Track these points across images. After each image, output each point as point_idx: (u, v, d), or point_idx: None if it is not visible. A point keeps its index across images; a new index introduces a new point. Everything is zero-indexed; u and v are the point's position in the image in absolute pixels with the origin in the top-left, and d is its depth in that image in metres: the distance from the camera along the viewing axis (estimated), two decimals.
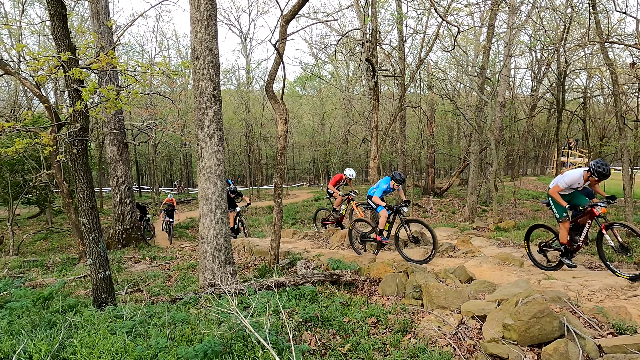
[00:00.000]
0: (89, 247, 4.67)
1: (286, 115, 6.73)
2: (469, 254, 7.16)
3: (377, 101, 10.54)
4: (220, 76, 5.89)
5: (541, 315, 3.29)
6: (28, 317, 4.05)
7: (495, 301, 4.01)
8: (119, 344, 3.11)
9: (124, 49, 25.33)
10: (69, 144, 4.59)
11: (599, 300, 4.41)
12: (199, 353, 2.97)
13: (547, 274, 5.69)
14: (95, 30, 11.43)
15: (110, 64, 4.58)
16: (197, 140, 5.68)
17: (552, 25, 16.31)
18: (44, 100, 7.43)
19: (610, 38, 10.52)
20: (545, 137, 33.81)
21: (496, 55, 21.17)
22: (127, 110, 21.44)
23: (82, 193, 4.65)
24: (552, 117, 24.27)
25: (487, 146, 17.16)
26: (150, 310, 4.31)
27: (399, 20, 13.96)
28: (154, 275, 7.80)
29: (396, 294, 5.00)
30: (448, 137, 37.10)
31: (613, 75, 10.91)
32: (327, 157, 35.26)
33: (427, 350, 3.36)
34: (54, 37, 4.47)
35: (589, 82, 19.08)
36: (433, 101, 24.92)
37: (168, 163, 43.45)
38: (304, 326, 4.02)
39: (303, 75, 31.88)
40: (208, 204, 5.64)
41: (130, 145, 14.20)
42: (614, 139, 20.10)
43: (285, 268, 7.06)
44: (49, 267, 9.32)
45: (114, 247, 12.13)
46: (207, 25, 5.49)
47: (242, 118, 33.51)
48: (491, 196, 16.36)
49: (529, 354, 3.20)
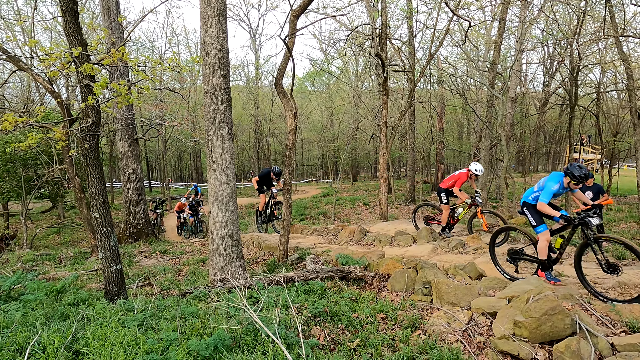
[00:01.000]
0: (100, 241, 4.73)
1: (295, 111, 6.73)
2: (479, 250, 7.10)
3: (386, 97, 10.48)
4: (229, 72, 5.90)
5: (553, 312, 3.25)
6: (42, 310, 4.11)
7: (506, 298, 3.98)
8: (130, 337, 3.14)
9: (135, 45, 25.53)
10: (80, 139, 4.63)
11: (612, 297, 4.35)
12: (209, 346, 2.99)
13: (559, 270, 5.63)
14: (106, 26, 11.51)
15: (121, 60, 4.61)
16: (206, 135, 5.70)
17: (565, 19, 16.05)
18: (56, 96, 7.52)
19: (625, 32, 10.33)
20: (557, 133, 33.35)
21: (507, 50, 20.91)
22: (137, 105, 21.63)
23: (94, 188, 4.69)
24: (565, 113, 23.94)
25: (497, 142, 16.98)
26: (161, 304, 4.35)
27: (409, 14, 13.85)
28: (164, 270, 7.87)
29: (405, 290, 4.98)
30: (458, 133, 36.80)
31: (628, 70, 10.73)
32: (336, 153, 35.22)
33: (437, 347, 3.34)
34: (66, 33, 4.51)
35: (603, 77, 18.74)
36: (443, 97, 24.72)
37: (178, 158, 43.77)
38: (313, 321, 4.03)
39: (312, 70, 31.82)
40: (218, 199, 5.67)
41: (140, 140, 14.32)
42: (627, 135, 19.79)
43: (294, 263, 7.08)
44: (62, 261, 9.46)
45: (125, 242, 12.27)
46: (216, 20, 5.50)
47: (251, 114, 33.63)
48: (501, 192, 16.20)
49: (540, 351, 3.17)
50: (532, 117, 25.85)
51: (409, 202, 22.25)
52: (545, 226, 5.12)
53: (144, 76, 5.17)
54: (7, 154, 12.96)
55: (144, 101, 22.86)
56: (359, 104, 26.25)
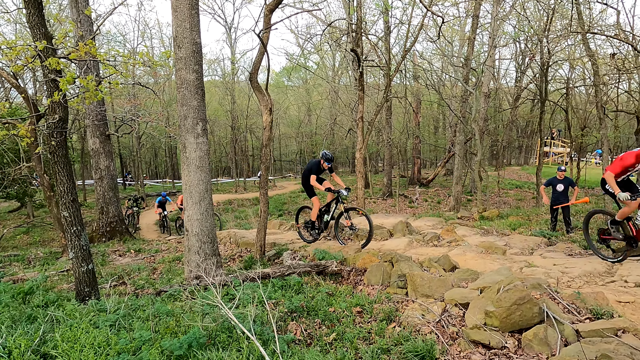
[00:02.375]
0: (70, 240, 4.60)
1: (271, 106, 6.68)
2: (453, 243, 7.25)
3: (362, 92, 10.53)
4: (203, 66, 5.81)
5: (522, 302, 3.35)
6: (8, 313, 3.97)
7: (478, 289, 4.08)
8: (101, 338, 3.07)
9: (105, 39, 24.78)
10: (47, 136, 4.48)
11: (578, 286, 4.51)
12: (183, 345, 2.96)
13: (529, 261, 5.80)
14: (74, 19, 11.13)
15: (89, 54, 4.47)
16: (180, 131, 5.61)
17: (536, 16, 16.44)
18: (21, 91, 7.26)
19: (592, 29, 10.67)
20: (528, 128, 34.27)
21: (481, 46, 21.31)
22: (108, 101, 21.02)
23: (63, 186, 4.55)
24: (536, 108, 24.59)
25: (471, 137, 17.33)
26: (135, 304, 4.27)
27: (384, 10, 13.92)
28: (139, 268, 7.72)
29: (381, 284, 5.04)
30: (434, 127, 37.35)
31: (594, 66, 11.10)
32: (314, 148, 35.20)
33: (411, 338, 3.40)
34: (29, 26, 4.34)
35: (571, 73, 19.35)
36: (419, 92, 25.02)
37: (153, 155, 42.88)
38: (290, 316, 4.03)
39: (289, 65, 31.66)
40: (192, 195, 5.59)
41: (113, 137, 13.95)
42: (595, 129, 20.51)
43: (271, 259, 7.06)
44: (31, 262, 9.16)
45: (98, 241, 11.97)
46: (188, 14, 5.40)
47: (227, 109, 33.20)
48: (476, 186, 16.56)
49: (510, 339, 3.27)
50: (504, 112, 26.47)
51: (386, 197, 22.50)
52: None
53: (113, 71, 5.04)
54: None
55: (116, 96, 22.31)
56: (336, 99, 26.31)
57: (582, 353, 2.80)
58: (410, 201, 21.29)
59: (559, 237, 8.06)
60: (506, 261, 5.86)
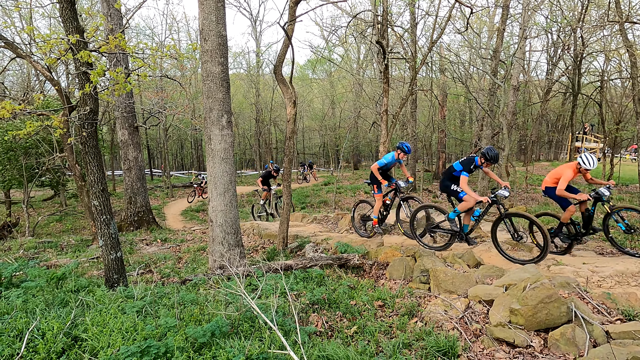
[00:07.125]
0: (100, 229, 4.75)
1: (295, 99, 6.68)
2: (478, 238, 7.12)
3: (387, 84, 10.40)
4: (228, 59, 5.86)
5: (549, 300, 3.27)
6: (42, 297, 4.15)
7: (503, 286, 4.00)
8: (129, 323, 3.17)
9: (134, 32, 25.35)
10: (79, 127, 4.62)
11: (608, 286, 4.36)
12: (206, 332, 3.02)
13: (557, 259, 5.64)
14: (105, 12, 11.40)
15: (119, 47, 4.57)
16: (205, 123, 5.68)
17: (569, 6, 15.83)
18: (55, 84, 7.49)
19: (630, 18, 10.17)
20: (559, 122, 33.13)
21: (510, 37, 20.68)
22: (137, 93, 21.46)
23: (93, 175, 4.70)
24: (567, 101, 23.74)
25: (499, 131, 16.88)
26: (161, 291, 4.39)
27: (411, 1, 13.65)
28: (165, 257, 7.92)
29: (403, 278, 5.01)
30: (460, 121, 36.55)
31: (632, 58, 10.61)
32: (337, 142, 35.10)
33: (433, 334, 3.37)
34: (62, 20, 4.47)
35: (607, 65, 18.58)
36: (445, 85, 24.50)
37: (179, 147, 43.72)
38: (312, 308, 4.06)
39: (313, 58, 31.57)
40: (217, 187, 5.67)
41: (141, 128, 14.27)
42: (630, 124, 19.66)
43: (293, 251, 7.11)
44: (63, 249, 9.52)
45: (126, 230, 12.32)
46: (214, 7, 5.44)
47: (252, 102, 33.48)
48: None
49: (536, 338, 3.19)
50: (534, 106, 25.68)
51: (410, 191, 22.25)
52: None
53: (142, 63, 5.13)
54: (7, 141, 12.96)
55: (144, 89, 22.82)
56: (360, 92, 26.07)
57: (612, 355, 2.71)
58: (435, 196, 20.99)
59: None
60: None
